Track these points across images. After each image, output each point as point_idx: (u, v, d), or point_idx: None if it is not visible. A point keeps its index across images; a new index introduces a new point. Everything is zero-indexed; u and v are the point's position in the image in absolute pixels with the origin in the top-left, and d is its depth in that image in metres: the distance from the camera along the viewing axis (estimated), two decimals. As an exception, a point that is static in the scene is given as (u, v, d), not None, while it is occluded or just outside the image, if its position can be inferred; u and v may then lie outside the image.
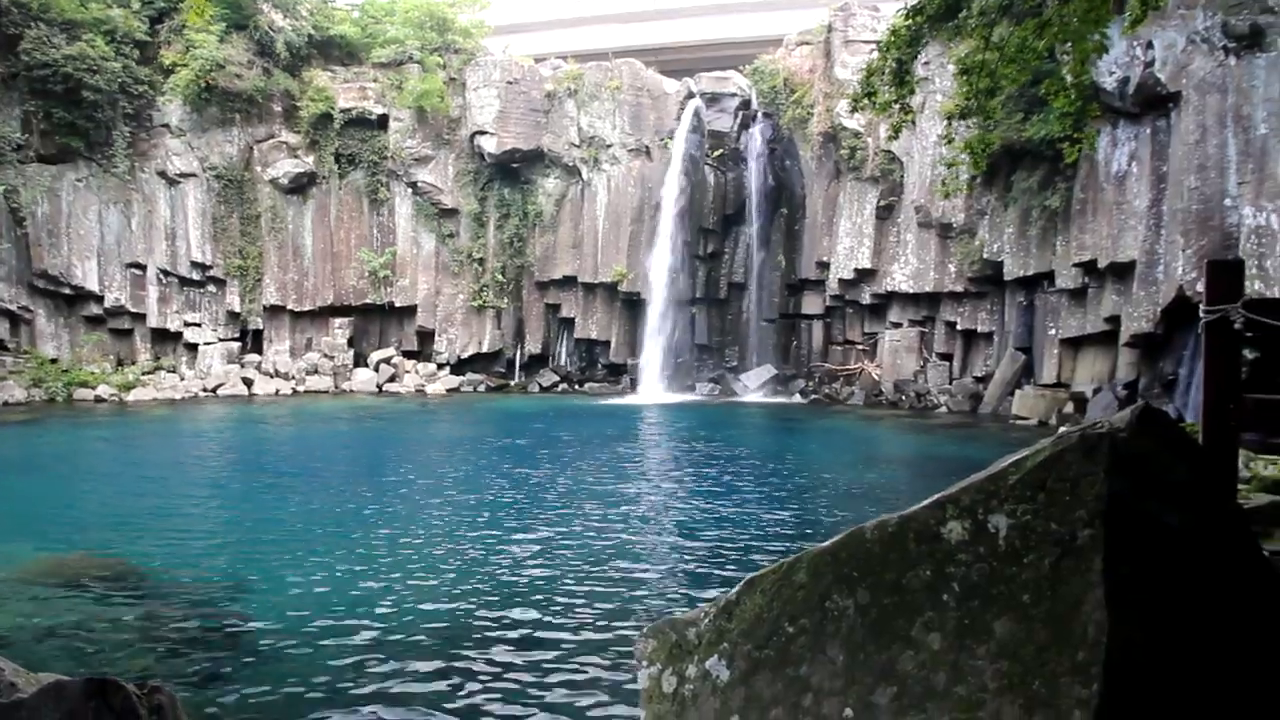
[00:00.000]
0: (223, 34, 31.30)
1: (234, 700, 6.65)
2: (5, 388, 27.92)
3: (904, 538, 2.83)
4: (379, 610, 8.64)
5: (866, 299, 30.04)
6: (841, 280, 30.14)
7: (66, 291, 31.03)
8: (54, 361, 30.24)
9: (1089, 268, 23.04)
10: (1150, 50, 20.14)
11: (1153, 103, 20.76)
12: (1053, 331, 24.44)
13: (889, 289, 29.06)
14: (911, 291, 28.48)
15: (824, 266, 30.89)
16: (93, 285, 31.21)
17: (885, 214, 29.04)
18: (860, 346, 31.03)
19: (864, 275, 29.68)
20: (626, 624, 8.23)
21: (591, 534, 11.67)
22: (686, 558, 10.64)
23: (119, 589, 9.44)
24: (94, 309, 31.63)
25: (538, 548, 10.96)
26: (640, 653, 3.36)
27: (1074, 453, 2.61)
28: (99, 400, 28.86)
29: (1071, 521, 2.54)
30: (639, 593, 9.28)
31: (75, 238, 30.79)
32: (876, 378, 29.51)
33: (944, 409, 26.81)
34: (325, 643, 7.80)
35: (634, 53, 36.84)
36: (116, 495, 14.96)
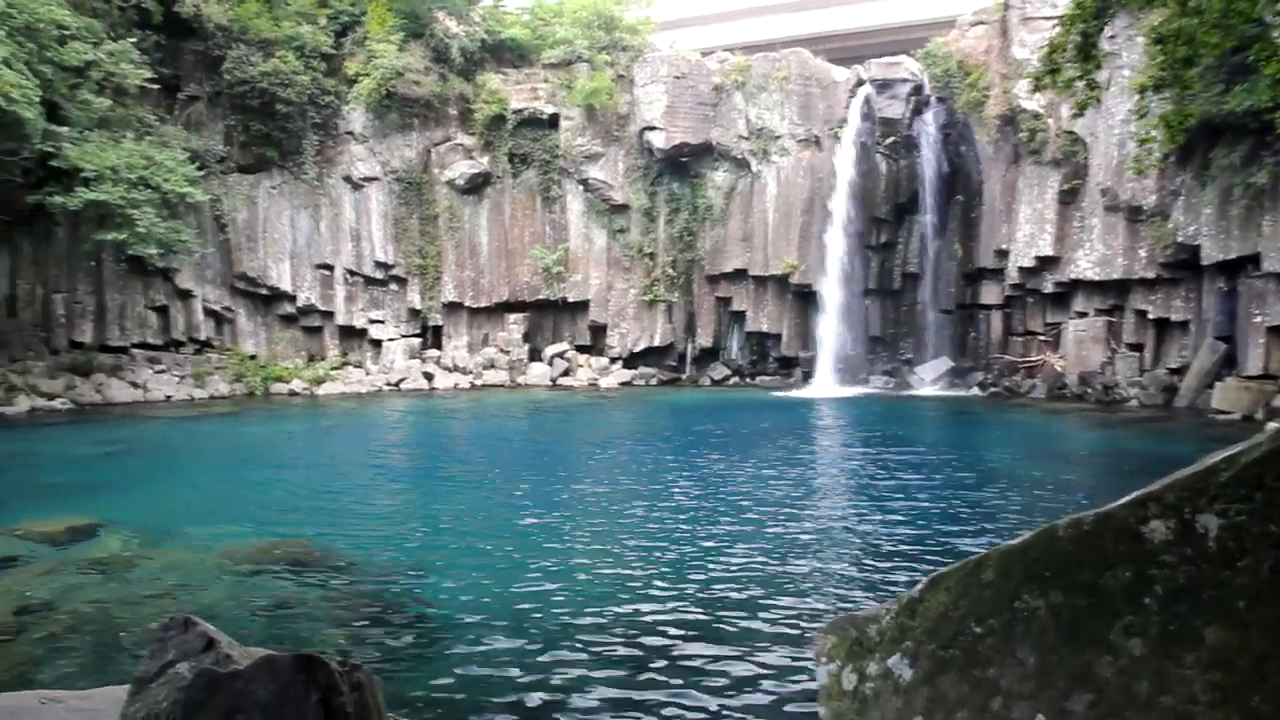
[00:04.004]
0: (401, 43, 32.62)
1: (416, 681, 6.87)
2: (211, 382, 29.92)
3: (1101, 536, 2.65)
4: (553, 599, 8.78)
5: (1049, 288, 28.75)
6: (1022, 268, 28.95)
7: (263, 292, 32.97)
8: (253, 358, 32.19)
9: (1300, 249, 21.41)
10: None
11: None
12: (1259, 319, 22.77)
13: (1073, 277, 27.71)
14: (1098, 279, 27.08)
15: (1003, 255, 29.74)
16: (286, 285, 33.07)
17: (1068, 198, 27.72)
18: (1042, 337, 29.71)
19: (1046, 263, 28.41)
20: (803, 619, 8.11)
21: (766, 528, 11.57)
22: (863, 553, 10.42)
23: (310, 571, 9.92)
24: (288, 308, 33.50)
25: (711, 541, 10.93)
26: (819, 649, 3.28)
27: (1296, 448, 2.38)
28: (292, 394, 30.53)
29: (1293, 522, 2.32)
30: (815, 588, 9.13)
31: (270, 241, 32.68)
32: (1060, 370, 28.21)
33: (1134, 402, 25.41)
34: (501, 629, 7.97)
35: (801, 42, 36.39)
36: (308, 483, 15.77)
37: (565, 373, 34.24)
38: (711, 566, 9.91)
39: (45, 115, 23.84)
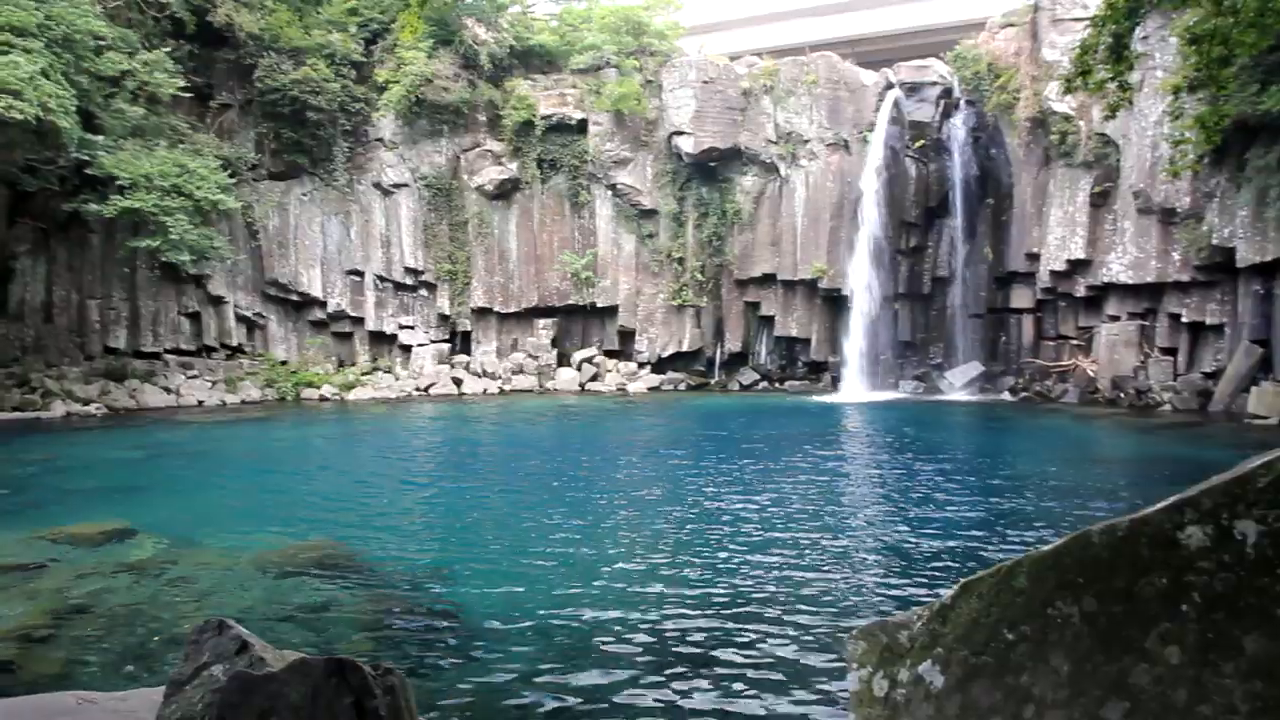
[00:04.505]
0: (430, 50, 32.82)
1: (446, 684, 6.89)
2: (243, 387, 30.20)
3: (1135, 542, 2.62)
4: (583, 604, 8.79)
5: (1080, 291, 28.47)
6: (1053, 272, 28.69)
7: (294, 298, 33.24)
8: (284, 363, 32.47)
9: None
10: None
11: None
12: (1296, 322, 22.48)
13: (1105, 280, 27.43)
14: (1130, 282, 26.78)
15: (1034, 258, 29.49)
16: (317, 291, 33.32)
17: (1100, 201, 27.46)
18: (1074, 341, 29.44)
19: (1077, 266, 28.15)
20: (833, 625, 8.07)
21: (795, 534, 11.53)
22: (893, 560, 10.36)
23: (341, 575, 9.98)
24: (318, 314, 33.76)
25: (740, 546, 10.90)
26: (850, 654, 3.26)
27: (1337, 452, 2.35)
28: (323, 399, 30.74)
29: (1334, 528, 2.29)
30: (844, 593, 9.09)
31: (301, 248, 32.95)
32: (1092, 374, 27.94)
33: (1168, 407, 25.12)
34: (531, 633, 7.99)
35: (830, 46, 36.32)
36: (339, 488, 15.88)
37: (594, 378, 34.28)
38: (740, 571, 9.88)
39: (81, 124, 24.15)
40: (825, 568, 9.99)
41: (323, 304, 33.63)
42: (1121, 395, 26.45)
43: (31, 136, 23.01)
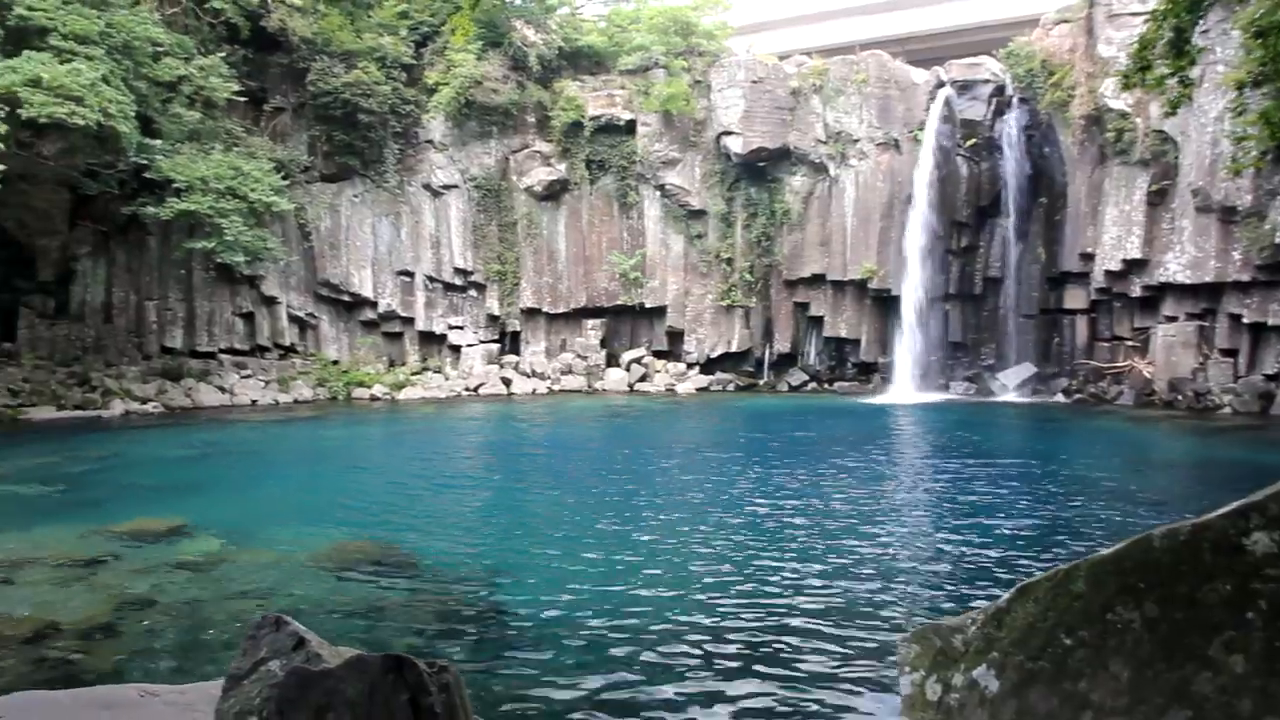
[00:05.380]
0: (480, 52, 33.06)
1: (496, 682, 6.93)
2: (296, 387, 30.62)
3: (1198, 548, 2.57)
4: (632, 603, 8.79)
5: (1136, 291, 27.96)
6: (1108, 272, 28.21)
7: (346, 298, 33.62)
8: (335, 363, 32.87)
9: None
10: None
11: None
12: (1361, 323, 21.93)
13: (1162, 280, 26.92)
14: (1189, 282, 26.25)
15: (1088, 258, 29.03)
16: (368, 292, 33.68)
17: (1157, 199, 26.96)
18: (1130, 343, 28.92)
19: (1133, 266, 27.65)
20: (885, 628, 8.00)
21: (846, 535, 11.45)
22: (945, 563, 10.25)
23: (391, 572, 10.09)
24: (369, 314, 34.12)
25: (791, 547, 10.85)
26: (903, 658, 3.24)
27: None
28: (374, 399, 31.06)
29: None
30: (896, 596, 9.01)
31: (352, 249, 33.33)
32: (1148, 376, 27.43)
33: (1228, 410, 24.60)
34: (580, 633, 8.02)
35: (880, 44, 36.05)
36: (389, 486, 16.04)
37: (642, 378, 34.31)
38: (791, 573, 9.83)
39: (140, 129, 24.63)
40: (875, 570, 9.91)
41: (373, 304, 33.99)
42: (1179, 398, 25.94)
43: (92, 141, 23.53)
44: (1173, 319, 27.12)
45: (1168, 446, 20.37)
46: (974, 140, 31.45)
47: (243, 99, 29.72)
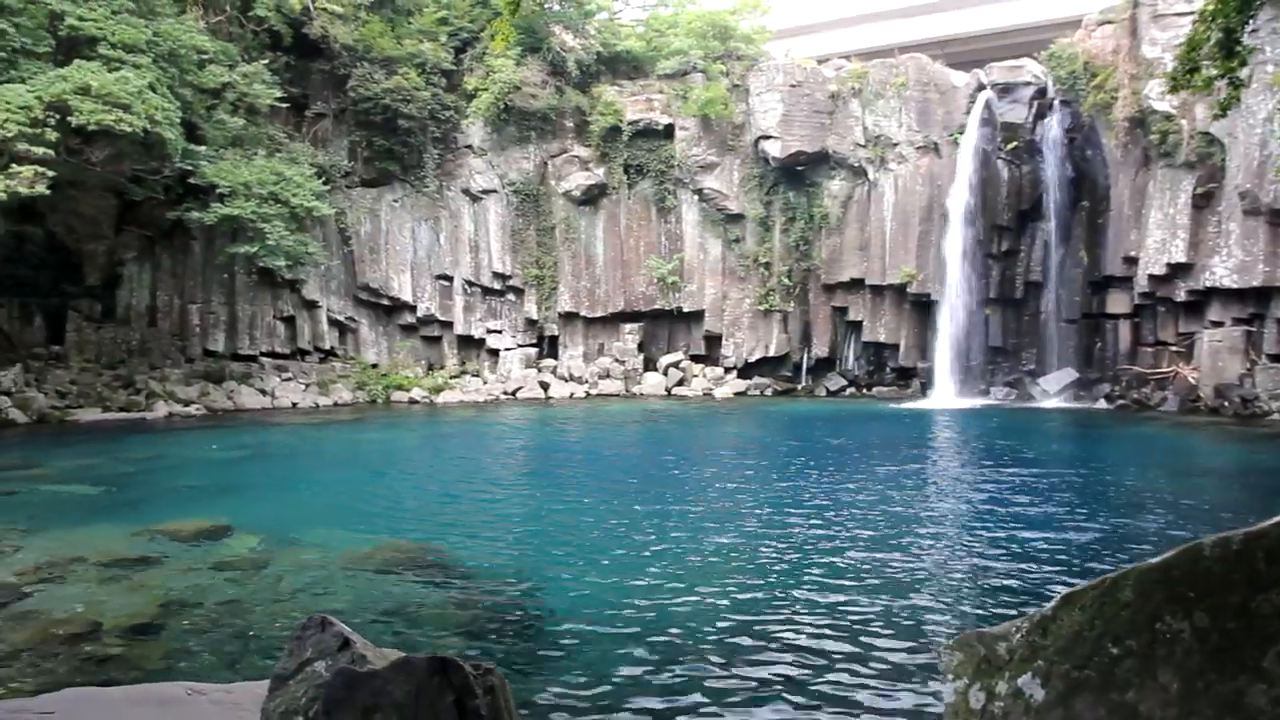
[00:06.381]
0: (518, 58, 33.24)
1: (537, 686, 6.94)
2: (335, 390, 30.92)
3: (1251, 557, 2.53)
4: (670, 608, 8.77)
5: (1181, 296, 27.56)
6: (1152, 276, 27.84)
7: (385, 302, 33.92)
8: (374, 366, 33.15)
9: None
10: None
11: None
12: None
13: (1208, 284, 26.52)
14: (1235, 286, 25.85)
15: (1131, 262, 28.67)
16: (406, 296, 33.95)
17: (1203, 202, 26.57)
18: (1174, 348, 28.50)
19: (1178, 270, 27.27)
20: (925, 636, 7.94)
21: (886, 543, 11.37)
22: (987, 571, 10.15)
23: (430, 575, 10.14)
24: (408, 318, 34.39)
25: (830, 554, 10.80)
26: (945, 665, 3.21)
27: None
28: (412, 402, 31.28)
29: None
30: (938, 604, 8.93)
31: (392, 253, 33.61)
32: (1193, 382, 27.02)
33: (1276, 416, 24.18)
34: (620, 636, 8.01)
35: (919, 47, 35.84)
36: (428, 489, 16.16)
37: (680, 382, 34.30)
38: (831, 579, 9.78)
39: (185, 135, 25.01)
40: (918, 576, 9.84)
41: (412, 308, 34.25)
42: (1225, 404, 25.53)
43: (139, 148, 23.92)
44: (1219, 324, 26.72)
45: (1214, 454, 20.03)
46: (1015, 143, 31.20)
47: (285, 105, 30.08)
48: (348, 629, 3.17)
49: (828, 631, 8.10)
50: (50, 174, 21.52)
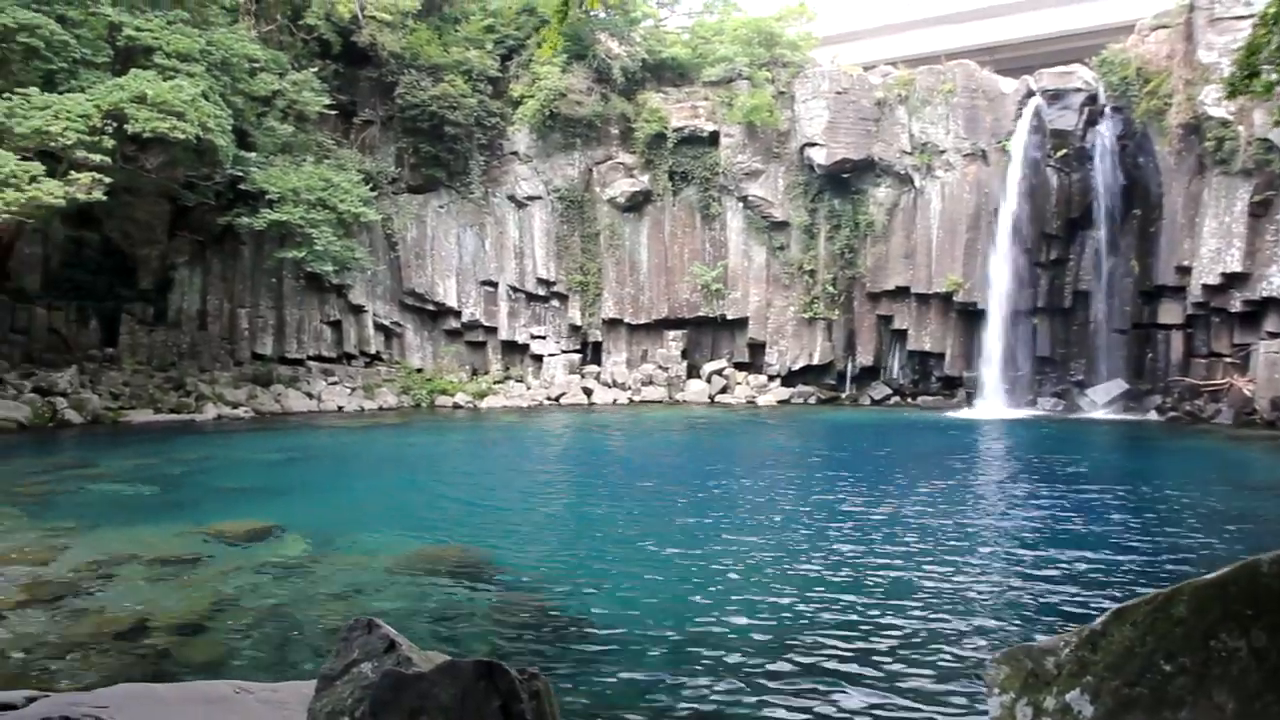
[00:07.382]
0: (564, 65, 33.41)
1: (579, 691, 6.95)
2: (380, 394, 31.20)
3: (1310, 573, 2.48)
4: (713, 615, 8.76)
5: (1236, 306, 27.03)
6: (1206, 286, 27.33)
7: (430, 307, 34.20)
8: (419, 371, 33.43)
9: None
10: None
11: None
12: None
13: (1265, 294, 26.00)
14: (1293, 297, 25.36)
15: (1184, 271, 28.17)
16: (451, 301, 34.21)
17: (1260, 210, 26.06)
18: (1229, 359, 27.93)
19: (1233, 280, 26.75)
20: (970, 650, 7.85)
21: (931, 555, 11.25)
22: (1034, 585, 10.02)
23: (474, 578, 10.21)
24: (453, 323, 34.65)
25: (875, 564, 10.71)
26: (991, 680, 3.17)
27: None
28: (456, 407, 31.49)
29: None
30: (984, 618, 8.83)
31: (437, 259, 33.89)
32: (1249, 394, 26.46)
33: (1334, 429, 23.68)
34: (662, 642, 8.01)
35: (967, 53, 35.50)
36: (472, 493, 16.25)
37: (723, 390, 34.24)
38: (875, 590, 9.71)
39: (236, 142, 25.43)
40: (964, 590, 9.73)
41: (457, 313, 34.49)
42: (1281, 417, 25.02)
43: (192, 154, 24.38)
44: (1276, 335, 26.17)
45: (1272, 468, 19.63)
46: (1064, 151, 30.78)
47: (333, 112, 30.50)
48: (394, 631, 3.19)
49: (871, 644, 8.04)
50: (107, 180, 21.97)
